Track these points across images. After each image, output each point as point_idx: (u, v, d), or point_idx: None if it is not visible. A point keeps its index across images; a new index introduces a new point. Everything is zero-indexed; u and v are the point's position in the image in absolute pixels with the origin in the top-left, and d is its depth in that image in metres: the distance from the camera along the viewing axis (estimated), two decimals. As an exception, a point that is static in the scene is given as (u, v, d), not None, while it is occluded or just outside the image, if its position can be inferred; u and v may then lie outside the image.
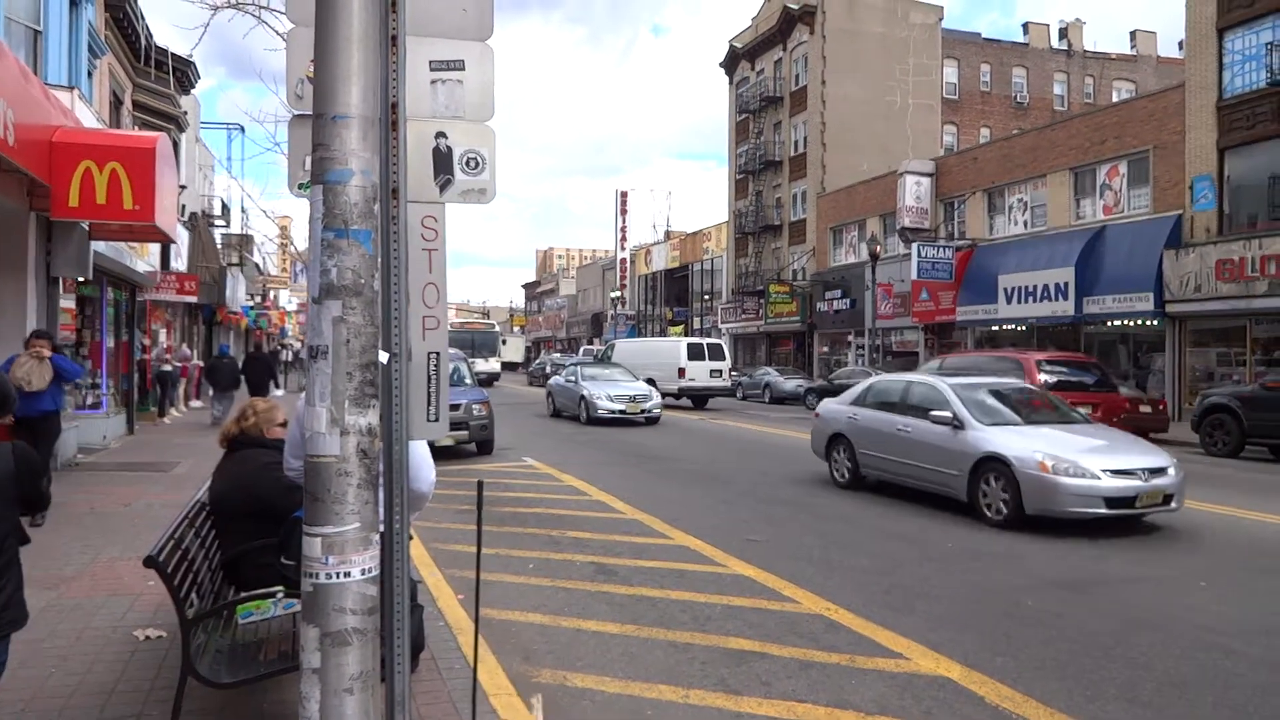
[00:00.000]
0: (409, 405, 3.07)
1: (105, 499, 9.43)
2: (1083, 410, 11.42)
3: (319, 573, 2.38)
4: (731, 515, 9.49)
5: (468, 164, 3.23)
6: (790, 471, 12.71)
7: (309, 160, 2.53)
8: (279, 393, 24.73)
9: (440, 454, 12.43)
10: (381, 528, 2.91)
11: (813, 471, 12.54)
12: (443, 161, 3.20)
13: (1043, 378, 15.35)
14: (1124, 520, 8.57)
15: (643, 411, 20.09)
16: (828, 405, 11.52)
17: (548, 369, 43.75)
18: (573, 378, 21.79)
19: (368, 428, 2.44)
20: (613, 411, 19.96)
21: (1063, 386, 15.36)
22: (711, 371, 27.81)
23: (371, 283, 2.45)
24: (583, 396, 20.47)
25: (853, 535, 8.39)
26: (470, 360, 32.63)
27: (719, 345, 29.77)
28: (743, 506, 10.00)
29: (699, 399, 28.26)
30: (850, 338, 36.52)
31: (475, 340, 40.18)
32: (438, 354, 3.21)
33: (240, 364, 19.66)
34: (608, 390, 20.49)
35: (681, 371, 27.44)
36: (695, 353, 28.00)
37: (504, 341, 54.23)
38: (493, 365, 39.64)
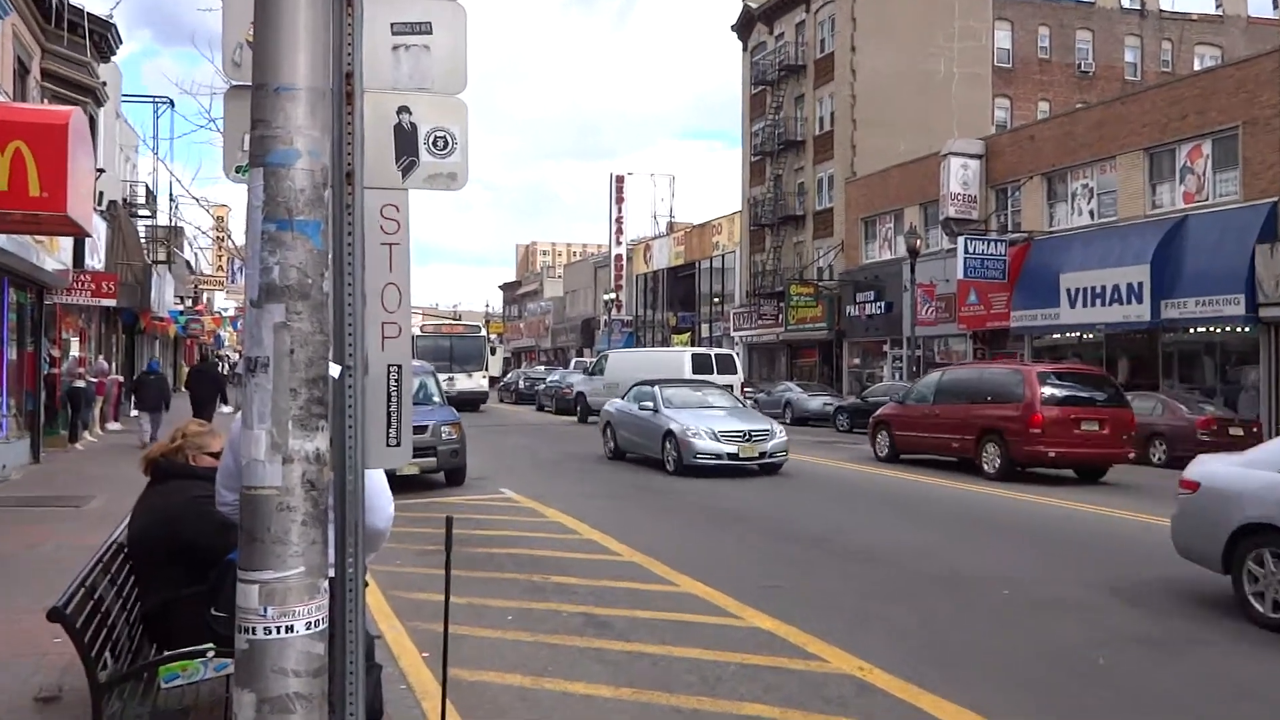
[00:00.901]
0: (365, 427, 3.06)
1: (7, 540, 9.39)
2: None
3: (256, 626, 2.37)
4: (744, 556, 9.50)
5: (435, 144, 3.23)
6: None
7: (248, 139, 2.53)
8: (227, 409, 24.56)
9: (402, 484, 12.41)
10: (331, 572, 2.88)
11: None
12: (406, 141, 3.20)
13: (1047, 392, 16.54)
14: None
15: (762, 456, 16.18)
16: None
17: (520, 383, 43.95)
18: (648, 403, 17.70)
19: (315, 454, 2.43)
20: (720, 456, 15.99)
21: (1070, 402, 16.61)
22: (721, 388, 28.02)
23: (320, 283, 2.45)
24: (669, 432, 16.39)
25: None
26: (450, 375, 31.30)
27: (729, 356, 29.87)
28: (755, 546, 10.00)
29: None
30: (886, 347, 36.61)
31: (455, 349, 35.75)
32: (399, 367, 3.20)
33: (186, 379, 19.70)
34: (710, 423, 16.38)
35: None
36: (701, 365, 28.21)
37: (493, 350, 51.48)
38: (478, 382, 35.52)
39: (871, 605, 7.63)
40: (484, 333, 40.12)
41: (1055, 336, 28.30)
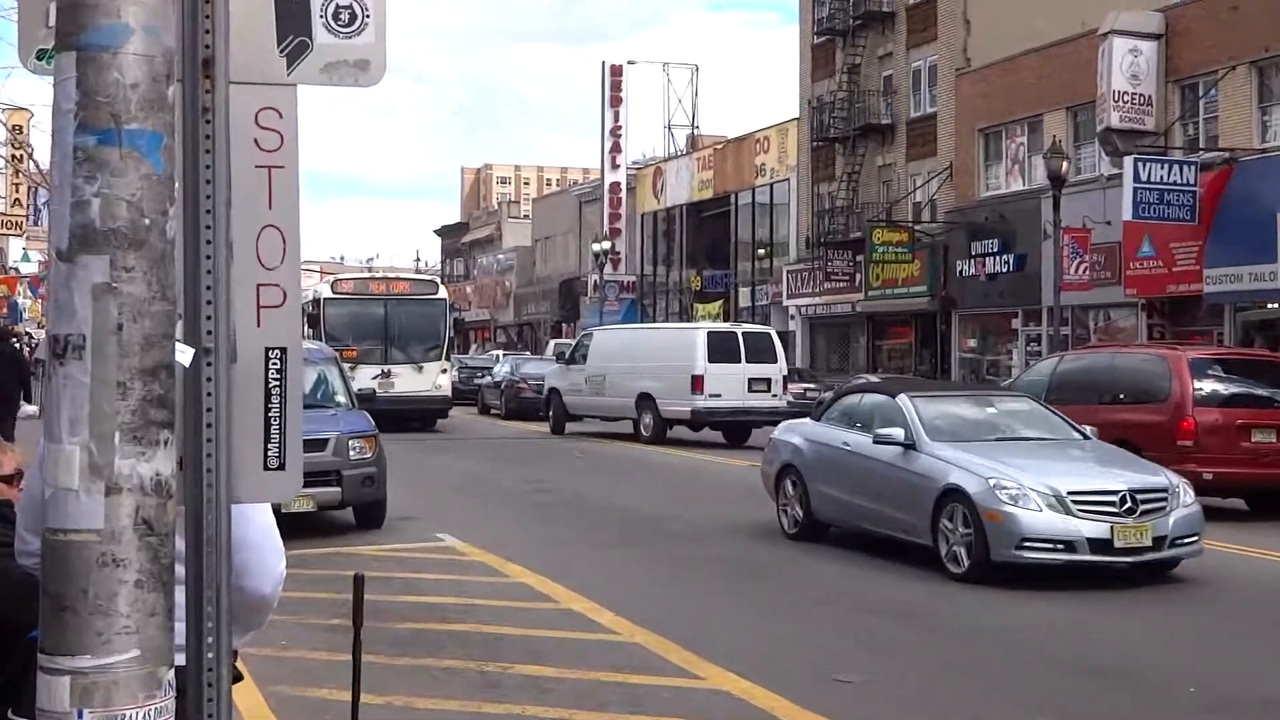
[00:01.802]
0: (230, 442, 3.06)
1: None
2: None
3: (68, 738, 2.37)
4: (820, 639, 9.47)
5: (336, 17, 3.22)
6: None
7: (53, 9, 2.52)
8: (32, 409, 24.67)
9: (291, 527, 12.40)
10: (181, 659, 2.86)
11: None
12: (293, 12, 3.19)
13: (1204, 387, 17.07)
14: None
15: (1158, 544, 11.76)
16: None
17: (496, 379, 41.65)
18: (890, 429, 13.15)
19: (155, 481, 2.42)
20: (1072, 545, 11.55)
21: (1239, 402, 17.37)
22: (752, 382, 28.02)
23: (163, 225, 2.44)
24: (955, 492, 12.03)
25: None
26: (385, 367, 31.39)
27: (766, 335, 29.76)
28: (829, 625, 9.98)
29: (734, 429, 28.63)
30: (1016, 322, 36.59)
31: (395, 323, 31.61)
32: (283, 351, 3.19)
33: None
34: (1045, 476, 12.04)
35: (697, 382, 27.53)
36: (721, 349, 28.05)
37: (457, 325, 48.47)
38: (433, 380, 31.38)
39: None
40: (443, 295, 33.99)
41: (1272, 306, 28.21)
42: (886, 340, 43.41)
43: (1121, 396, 17.78)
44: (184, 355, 2.82)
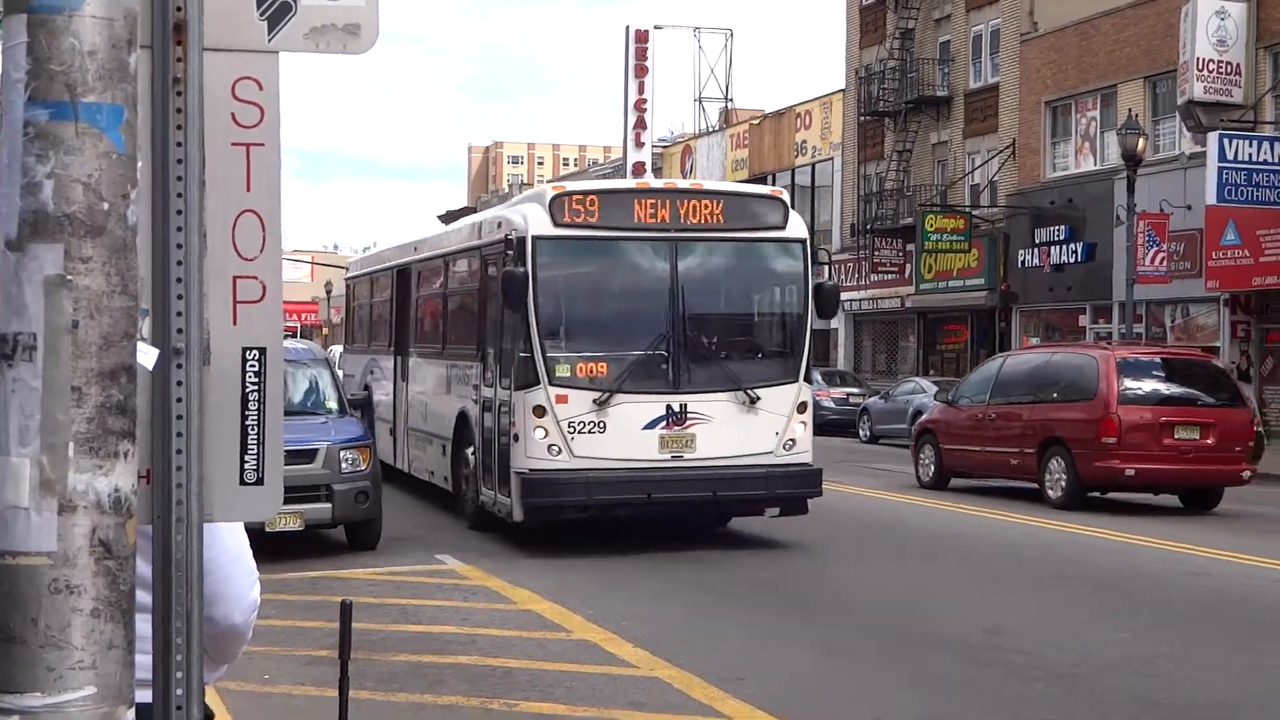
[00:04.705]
0: (202, 453, 3.04)
1: None
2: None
3: (16, 787, 2.35)
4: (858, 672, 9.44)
5: (324, -25, 3.21)
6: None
7: (2, -33, 2.50)
8: None
9: (274, 548, 12.44)
10: (144, 695, 2.84)
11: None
12: (274, -31, 3.18)
13: (1130, 386, 19.54)
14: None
15: None
16: None
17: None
18: None
19: (114, 498, 2.41)
20: None
21: (1163, 400, 19.84)
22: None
23: (124, 210, 2.43)
24: None
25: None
26: (678, 400, 14.74)
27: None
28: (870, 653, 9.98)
29: None
30: (1084, 319, 36.55)
31: (699, 289, 16.64)
32: (262, 351, 3.17)
33: None
34: None
35: None
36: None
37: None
38: (782, 424, 15.41)
39: None
40: (797, 231, 16.67)
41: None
42: (940, 340, 43.34)
43: (1055, 395, 20.47)
44: (146, 356, 2.80)
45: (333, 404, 15.80)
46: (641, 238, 15.36)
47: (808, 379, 15.70)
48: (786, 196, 16.49)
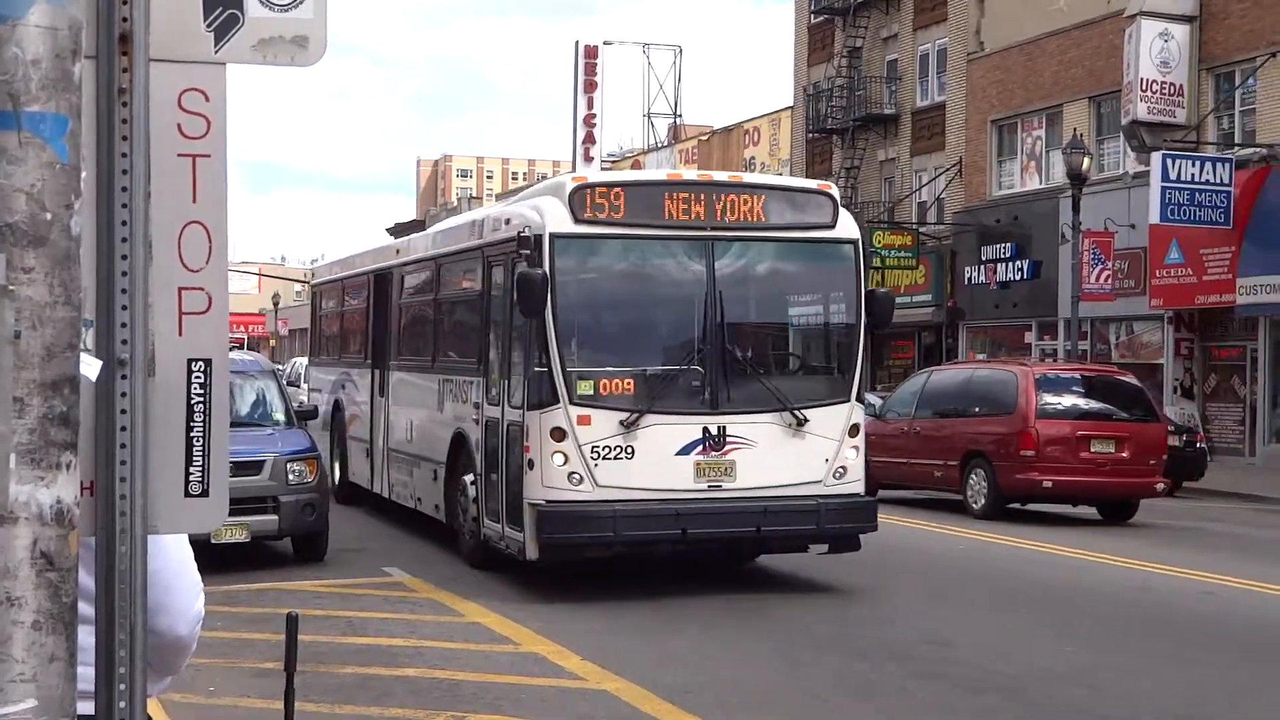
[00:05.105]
0: (147, 465, 3.03)
1: None
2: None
3: (-45, 801, 2.33)
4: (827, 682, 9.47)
5: (271, -14, 3.21)
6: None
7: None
8: None
9: (219, 561, 12.34)
10: (88, 707, 2.83)
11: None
12: (221, -19, 3.18)
13: (1048, 401, 20.40)
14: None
15: None
16: None
17: None
18: None
19: (55, 509, 2.39)
20: None
21: (1079, 415, 20.73)
22: None
23: (68, 220, 2.41)
24: None
25: None
26: (717, 423, 12.75)
27: None
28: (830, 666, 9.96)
29: None
30: (1030, 335, 36.81)
31: (739, 295, 14.51)
32: (208, 363, 3.17)
33: None
34: None
35: None
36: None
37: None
38: (832, 449, 13.73)
39: None
40: (849, 232, 14.57)
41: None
42: (888, 355, 43.41)
43: (977, 410, 21.35)
44: (89, 368, 2.79)
45: (280, 415, 15.79)
46: (673, 236, 13.38)
47: (859, 398, 13.86)
48: (836, 191, 14.42)
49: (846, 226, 13.82)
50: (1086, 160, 29.48)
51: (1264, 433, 29.80)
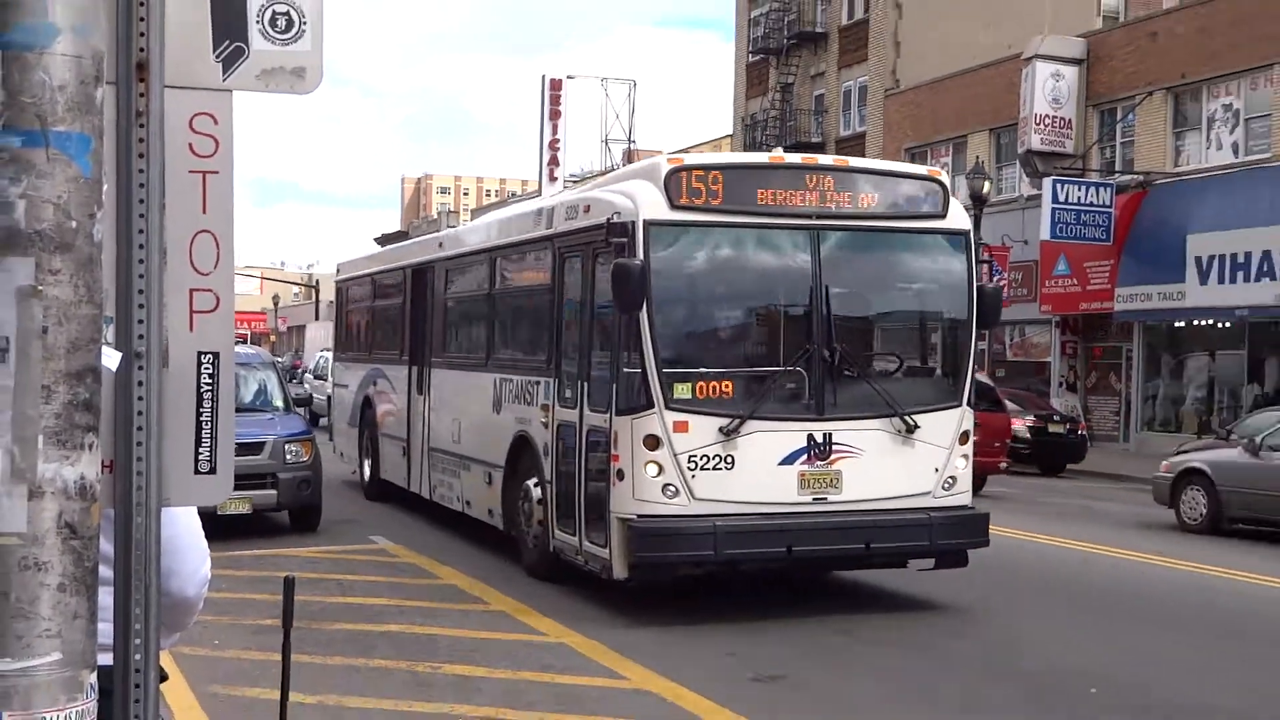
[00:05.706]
0: (161, 445, 3.00)
1: None
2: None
3: (-13, 743, 2.30)
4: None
5: (274, 23, 3.18)
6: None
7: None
8: None
9: (225, 530, 12.25)
10: (107, 659, 2.81)
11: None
12: (229, 17, 3.15)
13: None
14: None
15: None
16: None
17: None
18: None
19: (79, 484, 2.38)
20: None
21: None
22: None
23: (90, 228, 2.40)
24: None
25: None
26: (822, 429, 10.69)
27: None
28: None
29: None
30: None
31: (847, 288, 11.81)
32: (215, 356, 3.15)
33: None
34: None
35: None
36: None
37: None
38: (942, 459, 11.31)
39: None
40: (960, 223, 12.30)
41: (1179, 325, 28.67)
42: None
43: None
44: (110, 359, 2.77)
45: (279, 402, 15.93)
46: (776, 225, 10.89)
47: (970, 403, 11.46)
48: (946, 178, 11.97)
49: (957, 217, 11.58)
50: (987, 184, 29.64)
51: (1136, 422, 30.11)
